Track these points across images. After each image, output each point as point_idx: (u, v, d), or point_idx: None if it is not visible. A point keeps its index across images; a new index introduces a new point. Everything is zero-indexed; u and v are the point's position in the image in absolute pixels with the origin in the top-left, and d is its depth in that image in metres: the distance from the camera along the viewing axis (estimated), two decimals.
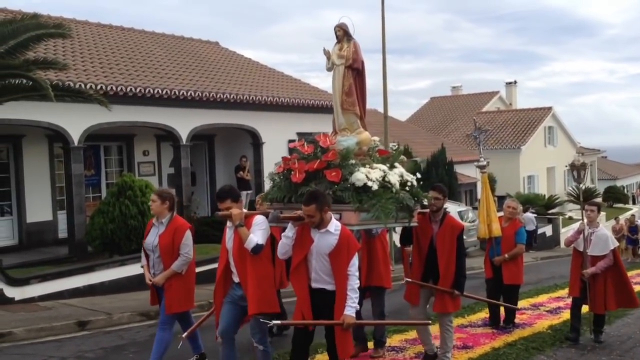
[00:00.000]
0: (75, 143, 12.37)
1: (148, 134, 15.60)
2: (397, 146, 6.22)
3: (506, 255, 7.63)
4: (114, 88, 12.75)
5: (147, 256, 5.71)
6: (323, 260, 4.66)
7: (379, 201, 5.06)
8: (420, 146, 27.09)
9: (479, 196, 26.72)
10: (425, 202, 5.84)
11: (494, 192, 29.23)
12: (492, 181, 30.33)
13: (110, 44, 16.80)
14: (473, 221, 18.49)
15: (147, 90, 13.48)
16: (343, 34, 5.82)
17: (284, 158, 5.53)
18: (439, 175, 21.90)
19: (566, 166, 25.67)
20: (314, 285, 4.73)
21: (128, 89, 13.10)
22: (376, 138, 5.93)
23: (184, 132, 14.65)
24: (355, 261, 4.61)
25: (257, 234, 4.81)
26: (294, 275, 4.78)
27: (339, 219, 4.89)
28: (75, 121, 12.31)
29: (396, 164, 5.62)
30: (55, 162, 13.89)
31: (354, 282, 4.59)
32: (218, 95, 15.15)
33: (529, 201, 27.27)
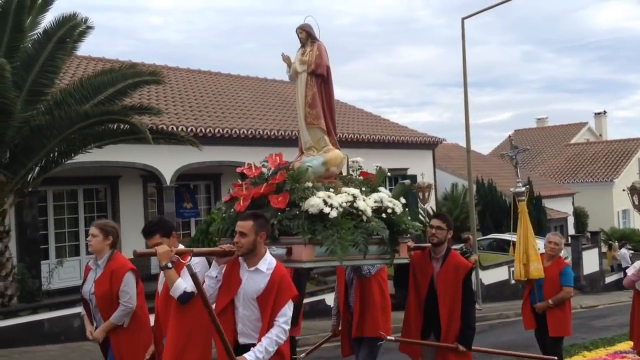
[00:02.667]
0: (168, 182, 13.05)
1: (234, 172, 16.15)
2: (379, 167, 5.18)
3: (550, 301, 6.28)
4: (203, 130, 13.41)
5: (86, 305, 4.79)
6: (251, 306, 3.72)
7: (338, 231, 4.10)
8: (504, 180, 26.35)
9: (570, 231, 25.65)
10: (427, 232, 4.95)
11: (585, 227, 27.98)
12: (583, 216, 29.02)
13: (199, 88, 17.72)
14: (566, 258, 17.66)
15: (233, 131, 14.07)
16: (306, 36, 4.93)
17: (234, 184, 4.62)
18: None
19: None
20: (241, 340, 3.76)
21: (216, 130, 13.72)
22: (359, 159, 5.05)
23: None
24: (286, 311, 3.66)
25: (188, 279, 3.83)
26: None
27: (287, 255, 4.09)
28: (168, 162, 13.02)
29: (381, 188, 4.73)
30: (149, 200, 14.67)
31: (274, 334, 3.61)
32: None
33: (625, 237, 25.78)
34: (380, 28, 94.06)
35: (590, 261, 20.78)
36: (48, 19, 9.40)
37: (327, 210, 4.12)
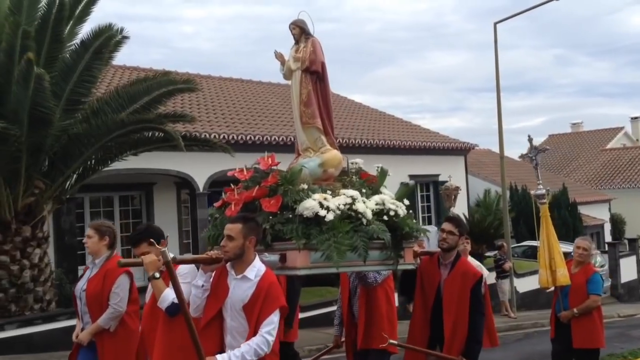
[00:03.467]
0: (201, 189, 13.22)
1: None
2: (380, 167, 4.87)
3: (575, 310, 5.86)
4: (235, 136, 13.55)
5: (76, 303, 4.61)
6: (239, 317, 3.44)
7: (334, 236, 3.83)
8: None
9: (607, 239, 25.08)
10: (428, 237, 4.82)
11: (622, 234, 27.30)
12: (620, 223, 28.34)
13: (231, 96, 17.92)
14: (602, 266, 17.28)
15: (264, 138, 14.18)
16: (300, 32, 4.69)
17: (226, 189, 4.33)
18: (561, 217, 20.81)
19: None
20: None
21: (248, 137, 13.85)
22: (359, 160, 4.82)
23: None
24: (273, 319, 3.36)
25: (194, 289, 3.62)
26: (203, 338, 3.45)
27: (281, 262, 3.87)
28: (201, 169, 13.19)
29: (383, 190, 4.50)
30: (182, 207, 14.87)
31: (255, 343, 3.32)
32: None
33: None
34: (410, 34, 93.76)
35: (628, 269, 20.30)
36: (85, 29, 9.65)
37: (322, 213, 3.85)
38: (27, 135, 8.50)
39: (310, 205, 3.87)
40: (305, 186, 4.08)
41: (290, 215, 3.89)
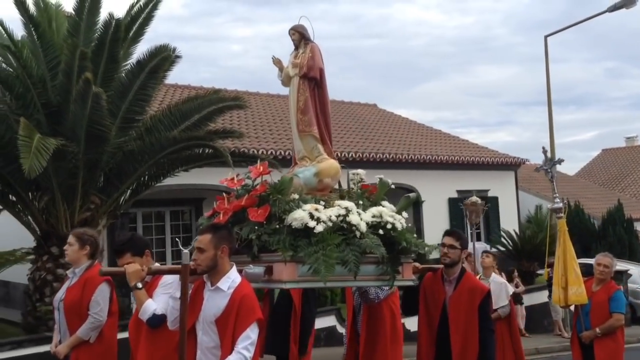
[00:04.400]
0: None
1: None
2: (382, 177, 4.71)
3: (597, 330, 5.64)
4: (283, 152, 13.69)
5: (54, 316, 4.48)
6: (210, 331, 3.29)
7: (323, 248, 3.64)
8: (592, 202, 25.17)
9: None
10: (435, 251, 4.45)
11: None
12: None
13: (278, 112, 18.15)
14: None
15: None
16: (299, 38, 4.55)
17: (217, 197, 4.18)
18: (617, 234, 20.12)
19: None
20: None
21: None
22: (361, 171, 4.65)
23: None
24: (250, 334, 3.17)
25: (160, 299, 3.58)
26: (175, 354, 3.32)
27: (267, 274, 3.68)
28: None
29: (383, 202, 4.33)
30: None
31: None
32: (377, 156, 15.55)
33: None
34: (456, 48, 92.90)
35: None
36: (139, 49, 9.98)
37: (312, 224, 3.69)
38: (84, 152, 8.81)
39: (299, 215, 3.74)
40: (297, 196, 3.95)
41: (278, 226, 3.76)
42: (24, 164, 7.50)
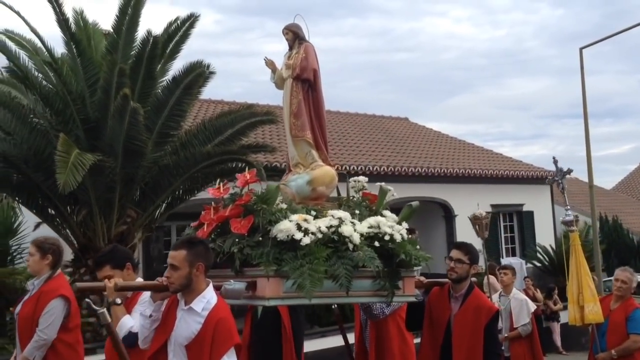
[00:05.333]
0: None
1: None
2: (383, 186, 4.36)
3: (613, 352, 5.26)
4: None
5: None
6: (181, 354, 3.06)
7: (309, 262, 3.36)
8: (632, 217, 24.56)
9: None
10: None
11: None
12: None
13: None
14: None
15: (343, 167, 14.27)
16: (293, 37, 4.28)
17: (205, 207, 3.94)
18: None
19: None
20: None
21: None
22: (362, 178, 4.33)
23: None
24: None
25: (137, 317, 3.31)
26: None
27: (250, 290, 3.40)
28: None
29: (385, 212, 4.04)
30: None
31: None
32: (409, 169, 15.47)
33: None
34: (488, 60, 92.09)
35: None
36: (175, 66, 10.18)
37: (298, 236, 3.41)
38: (121, 166, 8.98)
39: (285, 227, 3.44)
40: (285, 206, 3.67)
41: (261, 238, 3.46)
42: (59, 179, 7.68)
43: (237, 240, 3.48)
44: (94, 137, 9.12)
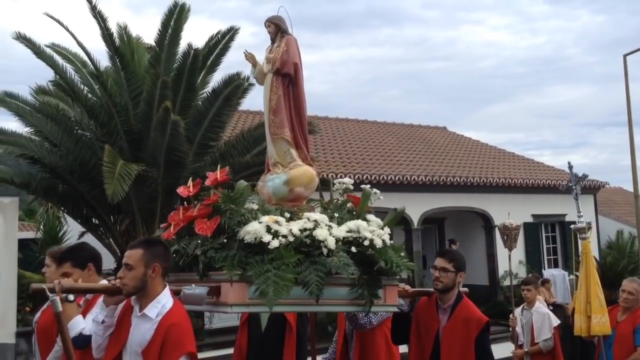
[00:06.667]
0: None
1: (382, 219, 16.29)
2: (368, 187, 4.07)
3: None
4: (352, 176, 13.71)
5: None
6: None
7: (276, 267, 3.13)
8: None
9: None
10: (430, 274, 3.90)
11: None
12: None
13: (347, 136, 18.26)
14: None
15: (381, 177, 14.24)
16: (275, 30, 4.06)
17: (177, 207, 3.77)
18: None
19: None
20: None
21: (364, 177, 13.99)
22: (347, 180, 4.04)
23: (415, 216, 14.99)
24: None
25: (91, 318, 3.14)
26: None
27: (213, 296, 3.19)
28: None
29: (369, 216, 3.80)
30: None
31: None
32: (448, 179, 15.33)
33: None
34: (527, 68, 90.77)
35: None
36: (215, 78, 10.36)
37: (267, 238, 3.17)
38: (162, 176, 9.16)
39: (253, 229, 3.20)
40: (256, 206, 3.45)
41: (225, 240, 3.25)
42: (107, 189, 7.88)
43: (200, 242, 3.29)
44: (137, 149, 9.34)
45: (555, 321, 6.88)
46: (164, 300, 2.90)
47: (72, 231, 12.91)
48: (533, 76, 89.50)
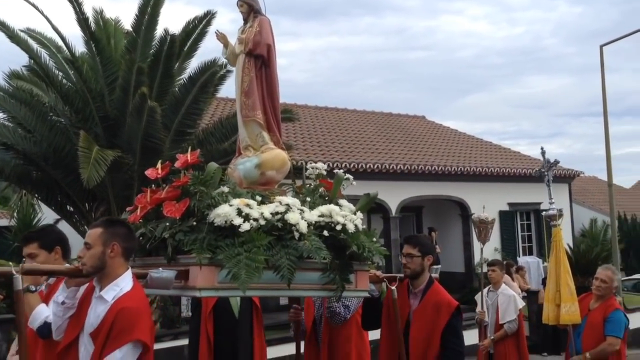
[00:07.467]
0: None
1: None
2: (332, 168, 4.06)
3: (587, 355, 4.96)
4: (331, 164, 13.73)
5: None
6: (89, 345, 2.79)
7: (247, 250, 3.08)
8: None
9: None
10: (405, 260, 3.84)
11: None
12: None
13: (326, 124, 18.26)
14: None
15: (359, 165, 14.29)
16: (248, 10, 3.96)
17: (143, 189, 3.64)
18: None
19: None
20: None
21: (343, 165, 14.01)
22: (320, 164, 3.99)
23: (393, 205, 15.09)
24: (114, 357, 2.67)
25: (54, 306, 3.00)
26: None
27: (181, 280, 3.11)
28: None
29: (341, 200, 3.74)
30: None
31: None
32: (426, 168, 15.43)
33: None
34: (505, 59, 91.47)
35: None
36: (192, 64, 10.25)
37: (238, 221, 3.10)
38: (139, 163, 9.08)
39: (223, 211, 3.12)
40: (227, 189, 3.38)
41: (195, 223, 3.16)
42: (83, 174, 7.78)
43: (169, 225, 3.20)
44: (113, 135, 9.23)
45: (521, 303, 6.95)
46: (123, 284, 2.84)
47: (47, 218, 12.75)
48: (511, 66, 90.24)
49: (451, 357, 3.72)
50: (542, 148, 6.16)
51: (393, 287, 3.85)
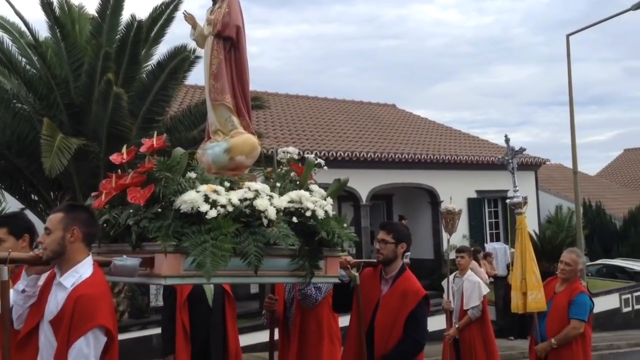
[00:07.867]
0: None
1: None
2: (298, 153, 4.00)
3: (553, 341, 4.89)
4: (301, 153, 13.70)
5: None
6: (49, 334, 2.74)
7: (214, 238, 3.03)
8: (614, 202, 24.85)
9: None
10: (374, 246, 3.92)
11: None
12: None
13: (297, 113, 18.21)
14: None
15: (330, 154, 14.30)
16: None
17: (109, 174, 3.50)
18: (639, 235, 19.87)
19: None
20: None
21: (313, 153, 14.01)
22: (292, 149, 3.93)
23: (363, 193, 15.16)
24: (82, 347, 2.61)
25: (15, 294, 2.93)
26: (17, 357, 2.87)
27: (146, 267, 3.05)
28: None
29: (313, 187, 3.66)
30: None
31: None
32: (396, 156, 15.53)
33: None
34: (474, 48, 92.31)
35: None
36: (160, 50, 10.10)
37: (204, 208, 3.02)
38: (105, 151, 8.93)
39: (190, 198, 3.04)
40: (194, 175, 3.29)
41: (160, 210, 3.07)
42: (45, 163, 7.63)
43: (133, 211, 3.10)
44: (78, 122, 9.06)
45: (485, 290, 7.02)
46: (82, 270, 2.78)
47: (11, 208, 12.44)
48: (480, 56, 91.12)
49: (409, 344, 3.75)
50: (505, 136, 6.09)
51: (356, 274, 3.86)
